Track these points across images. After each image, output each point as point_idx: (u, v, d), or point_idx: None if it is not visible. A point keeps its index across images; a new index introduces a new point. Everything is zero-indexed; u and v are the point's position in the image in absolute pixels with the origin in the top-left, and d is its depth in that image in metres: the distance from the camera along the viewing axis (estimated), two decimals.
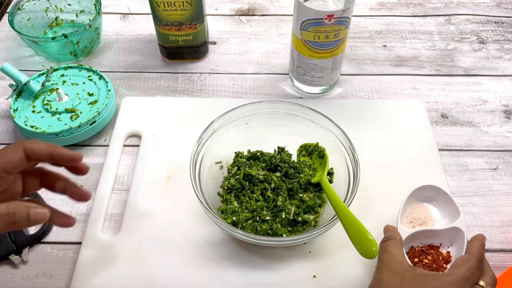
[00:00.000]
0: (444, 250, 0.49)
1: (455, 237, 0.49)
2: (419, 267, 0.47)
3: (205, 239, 0.53)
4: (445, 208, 0.52)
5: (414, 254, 0.49)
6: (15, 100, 0.63)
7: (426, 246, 0.50)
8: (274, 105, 0.58)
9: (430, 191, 0.53)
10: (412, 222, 0.51)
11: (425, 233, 0.50)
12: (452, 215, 0.51)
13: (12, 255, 0.52)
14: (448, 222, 0.51)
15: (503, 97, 0.70)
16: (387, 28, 0.80)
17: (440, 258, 0.48)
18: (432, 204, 0.53)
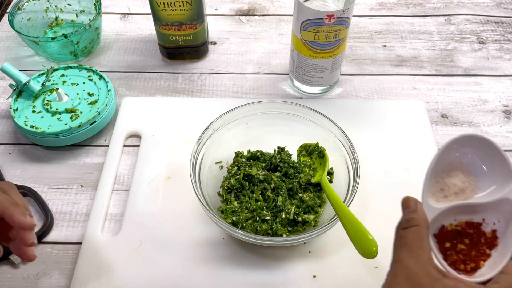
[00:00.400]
0: (488, 228, 0.37)
1: (505, 210, 0.36)
2: (452, 255, 0.36)
3: (205, 239, 0.53)
4: (493, 169, 0.38)
5: (445, 236, 0.37)
6: (15, 100, 0.63)
7: (462, 224, 0.37)
8: (274, 105, 0.58)
9: (471, 145, 0.38)
10: (444, 190, 0.38)
11: (462, 208, 0.37)
12: (502, 179, 0.37)
13: (12, 255, 0.52)
14: (496, 189, 0.37)
15: (503, 97, 0.70)
16: (387, 28, 0.81)
17: (482, 241, 0.36)
18: (473, 165, 0.39)
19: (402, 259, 0.33)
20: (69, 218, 0.56)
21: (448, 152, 0.38)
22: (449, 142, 0.38)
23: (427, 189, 0.37)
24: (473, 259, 0.35)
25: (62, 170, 0.61)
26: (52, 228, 0.55)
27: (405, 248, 0.33)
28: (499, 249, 0.35)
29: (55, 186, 0.59)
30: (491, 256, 0.35)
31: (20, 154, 0.62)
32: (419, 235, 0.34)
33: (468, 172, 0.38)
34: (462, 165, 0.39)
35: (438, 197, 0.38)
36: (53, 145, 0.62)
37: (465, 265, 0.35)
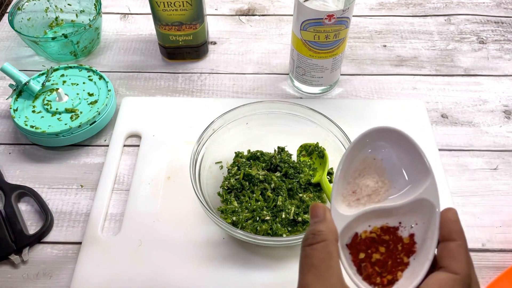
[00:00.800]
0: (405, 233, 0.33)
1: (422, 211, 0.33)
2: (367, 268, 0.32)
3: (205, 239, 0.53)
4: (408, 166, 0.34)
5: (359, 247, 0.33)
6: (15, 100, 0.63)
7: (377, 230, 0.33)
8: (274, 105, 0.58)
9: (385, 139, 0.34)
10: (356, 192, 0.34)
11: (375, 212, 0.33)
12: (418, 177, 0.33)
13: (12, 255, 0.52)
14: (412, 188, 0.34)
15: (503, 97, 0.70)
16: (387, 28, 0.80)
17: (399, 248, 0.32)
18: (388, 161, 0.35)
19: (309, 285, 0.29)
20: (69, 218, 0.56)
21: (360, 148, 0.34)
22: (360, 136, 0.34)
23: (337, 193, 0.34)
24: (389, 270, 0.31)
25: (62, 170, 0.61)
26: (52, 228, 0.55)
27: (312, 271, 0.29)
28: (418, 256, 0.32)
29: (55, 186, 0.59)
30: (410, 264, 0.31)
31: (20, 154, 0.62)
32: (327, 252, 0.30)
33: (382, 169, 0.34)
34: (375, 161, 0.35)
35: (350, 200, 0.34)
36: (53, 145, 0.62)
37: (381, 278, 0.31)
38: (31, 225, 0.56)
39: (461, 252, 0.30)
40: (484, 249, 0.53)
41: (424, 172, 0.33)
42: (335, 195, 0.34)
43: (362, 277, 0.31)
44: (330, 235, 0.31)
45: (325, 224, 0.31)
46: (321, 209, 0.32)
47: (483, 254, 0.53)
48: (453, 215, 0.31)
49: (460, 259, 0.29)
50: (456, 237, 0.30)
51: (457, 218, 0.31)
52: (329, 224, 0.31)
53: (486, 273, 0.52)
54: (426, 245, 0.31)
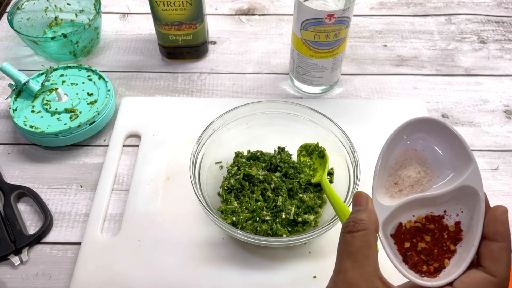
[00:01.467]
0: (450, 221, 0.33)
1: (466, 198, 0.32)
2: (412, 257, 0.32)
3: (205, 239, 0.53)
4: (449, 154, 0.34)
5: (404, 236, 0.33)
6: (15, 100, 0.63)
7: (422, 219, 0.33)
8: (274, 105, 0.58)
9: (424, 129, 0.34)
10: (399, 183, 0.34)
11: (419, 201, 0.33)
12: (460, 164, 0.33)
13: (12, 256, 0.52)
14: (455, 176, 0.33)
15: (504, 97, 0.69)
16: (387, 28, 0.80)
17: (445, 236, 0.32)
18: (428, 151, 0.35)
19: (346, 270, 0.30)
20: (68, 219, 0.56)
21: (398, 140, 0.34)
22: (397, 129, 0.34)
23: (378, 185, 0.34)
24: (436, 258, 0.32)
25: (61, 170, 0.61)
26: (51, 228, 0.55)
27: (350, 257, 0.30)
28: (464, 243, 0.32)
29: (54, 186, 0.59)
30: (456, 252, 0.32)
31: (19, 154, 0.62)
32: (367, 242, 0.30)
33: (424, 160, 0.34)
34: (416, 152, 0.35)
35: (393, 192, 0.34)
36: (52, 145, 0.62)
37: (427, 265, 0.31)
38: (31, 225, 0.55)
39: (503, 255, 0.29)
40: None
41: (465, 159, 0.33)
42: (377, 187, 0.34)
43: (408, 266, 0.32)
44: (370, 225, 0.31)
45: (366, 213, 0.32)
46: (364, 198, 0.33)
47: None
48: (502, 214, 0.31)
49: (500, 262, 0.29)
50: (500, 239, 0.30)
51: (505, 218, 0.30)
52: (371, 214, 0.32)
53: None
54: (472, 232, 0.31)
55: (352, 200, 0.33)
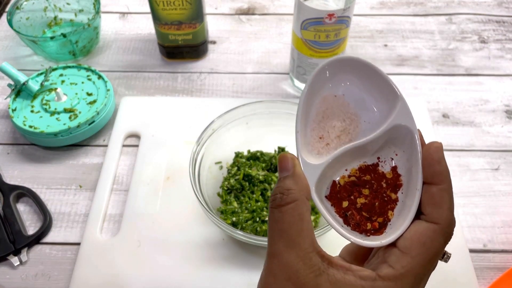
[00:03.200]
0: (386, 167, 0.30)
1: (399, 139, 0.29)
2: (353, 216, 0.29)
3: (204, 240, 0.53)
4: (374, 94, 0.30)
5: (340, 195, 0.29)
6: (14, 99, 0.63)
7: (356, 172, 0.30)
8: (274, 105, 0.58)
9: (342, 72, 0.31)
10: (324, 137, 0.30)
11: (349, 152, 0.30)
12: (387, 104, 0.30)
13: (11, 256, 0.52)
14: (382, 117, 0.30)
15: (505, 97, 0.69)
16: (388, 28, 0.80)
17: (384, 186, 0.29)
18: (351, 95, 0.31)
19: (280, 253, 0.26)
20: (67, 219, 0.56)
21: (318, 89, 0.30)
22: (312, 76, 0.30)
23: (302, 143, 0.29)
24: (378, 211, 0.28)
25: (60, 171, 0.60)
26: (50, 228, 0.55)
27: (283, 236, 0.26)
28: (405, 189, 0.29)
29: (53, 187, 0.59)
30: (399, 200, 0.28)
31: (19, 154, 0.62)
32: (298, 214, 0.26)
33: (346, 105, 0.31)
34: (337, 98, 0.31)
35: (319, 148, 0.30)
36: (51, 145, 0.61)
37: (371, 222, 0.28)
38: (30, 225, 0.55)
39: (444, 198, 0.27)
40: (485, 249, 0.53)
41: (392, 97, 0.29)
42: (301, 147, 0.29)
43: (351, 227, 0.29)
44: (300, 193, 0.27)
45: (294, 179, 0.27)
46: (289, 160, 0.28)
47: (485, 254, 0.53)
48: (437, 152, 0.27)
49: (442, 206, 0.26)
50: (439, 180, 0.27)
51: (441, 155, 0.27)
52: (299, 180, 0.27)
53: (487, 274, 0.51)
54: (412, 175, 0.28)
55: (278, 165, 0.28)
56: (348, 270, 0.26)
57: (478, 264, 0.52)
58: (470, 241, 0.54)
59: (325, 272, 0.26)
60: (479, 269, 0.52)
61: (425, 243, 0.26)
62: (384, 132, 0.29)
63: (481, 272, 0.51)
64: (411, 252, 0.26)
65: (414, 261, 0.25)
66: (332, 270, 0.26)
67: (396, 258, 0.26)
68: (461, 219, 0.55)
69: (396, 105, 0.29)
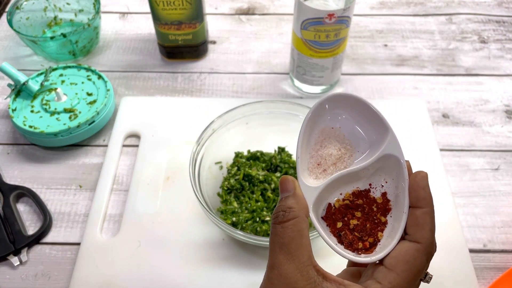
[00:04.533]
0: (377, 193, 0.33)
1: (389, 168, 0.33)
2: (346, 235, 0.32)
3: (204, 240, 0.53)
4: (367, 127, 0.35)
5: (335, 216, 0.32)
6: (14, 99, 0.63)
7: (349, 196, 0.33)
8: (274, 105, 0.58)
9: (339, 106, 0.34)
10: (321, 164, 0.34)
11: (344, 178, 0.33)
12: (378, 136, 0.34)
13: (11, 256, 0.52)
14: (374, 148, 0.34)
15: (505, 97, 0.69)
16: (388, 28, 0.80)
17: (375, 209, 0.32)
18: (346, 127, 0.35)
19: (280, 264, 0.28)
20: (67, 219, 0.56)
21: (315, 120, 0.34)
22: (312, 110, 0.33)
23: (302, 169, 0.33)
24: (369, 232, 0.31)
25: (60, 171, 0.60)
26: (50, 228, 0.55)
27: (283, 249, 0.29)
28: (394, 213, 0.32)
29: (53, 187, 0.59)
30: (388, 223, 0.32)
31: (19, 154, 0.62)
32: (298, 230, 0.29)
33: (342, 136, 0.34)
34: (334, 130, 0.34)
35: (317, 173, 0.33)
36: (51, 145, 0.61)
37: (363, 242, 0.31)
38: (30, 225, 0.55)
39: (426, 220, 0.30)
40: (485, 249, 0.53)
41: (383, 130, 0.33)
42: (301, 171, 0.33)
43: (344, 245, 0.31)
44: (300, 212, 0.30)
45: (295, 199, 0.30)
46: (291, 183, 0.31)
47: (485, 254, 0.53)
48: (422, 180, 0.30)
49: (424, 228, 0.29)
50: (422, 204, 0.30)
51: (426, 183, 0.30)
52: (299, 199, 0.30)
53: (487, 274, 0.51)
54: (400, 200, 0.31)
55: (279, 186, 0.32)
56: (340, 284, 0.28)
57: (478, 264, 0.52)
58: (470, 241, 0.54)
59: (319, 285, 0.28)
60: (479, 269, 0.52)
61: (408, 261, 0.29)
62: (375, 161, 0.32)
63: (481, 272, 0.51)
64: (396, 269, 0.28)
65: (399, 278, 0.28)
66: (326, 284, 0.28)
67: (383, 275, 0.28)
68: (461, 219, 0.55)
69: (386, 137, 0.33)
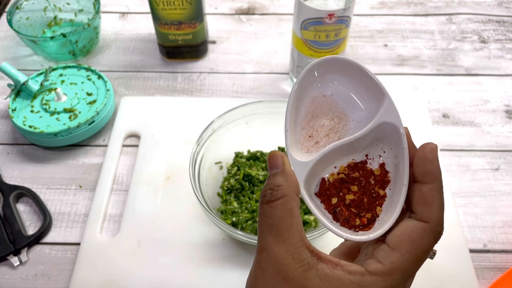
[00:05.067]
0: (374, 164, 0.30)
1: (386, 136, 0.30)
2: (342, 212, 0.29)
3: (204, 240, 0.53)
4: (361, 93, 0.32)
5: (329, 192, 0.30)
6: (14, 99, 0.63)
7: (345, 169, 0.30)
8: (274, 105, 0.58)
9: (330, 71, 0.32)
10: (313, 135, 0.32)
11: (338, 150, 0.30)
12: (373, 102, 0.31)
13: (11, 256, 0.52)
14: (370, 115, 0.31)
15: (505, 97, 0.69)
16: (388, 28, 0.80)
17: (372, 182, 0.30)
18: (339, 94, 0.32)
19: (270, 247, 0.26)
20: (67, 219, 0.56)
21: (306, 88, 0.31)
22: (300, 77, 0.30)
23: (292, 142, 0.31)
24: (367, 207, 0.29)
25: (60, 171, 0.60)
26: (50, 228, 0.55)
27: (272, 231, 0.26)
28: (393, 185, 0.29)
29: (53, 187, 0.59)
30: (387, 196, 0.29)
31: (19, 154, 0.62)
32: (288, 210, 0.27)
33: (335, 104, 0.32)
34: (326, 98, 0.32)
35: (308, 146, 0.31)
36: (51, 145, 0.61)
37: (360, 218, 0.29)
38: (30, 225, 0.55)
39: (434, 197, 0.27)
40: (485, 249, 0.53)
41: (379, 95, 0.30)
42: (291, 145, 0.30)
43: (340, 223, 0.29)
44: (289, 189, 0.28)
45: (283, 176, 0.28)
46: (279, 158, 0.29)
47: (485, 254, 0.53)
48: (431, 152, 0.27)
49: (432, 205, 0.27)
50: (430, 179, 0.27)
51: (435, 155, 0.27)
52: (288, 176, 0.28)
53: (487, 274, 0.51)
54: (399, 171, 0.29)
55: (267, 162, 0.29)
56: (337, 265, 0.26)
57: (478, 264, 0.52)
58: (470, 241, 0.54)
59: (314, 266, 0.26)
60: (479, 269, 0.52)
61: (414, 241, 0.26)
62: (371, 129, 0.30)
63: (481, 272, 0.51)
64: (400, 249, 0.26)
65: (403, 258, 0.26)
66: (321, 265, 0.26)
67: (385, 254, 0.26)
68: (461, 219, 0.55)
69: (382, 103, 0.30)
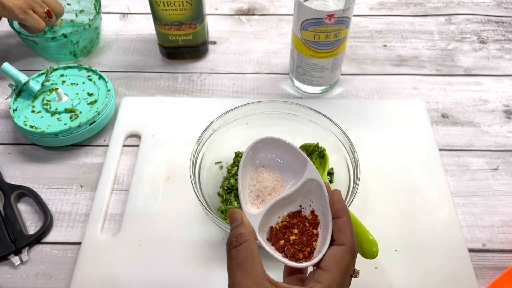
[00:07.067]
0: (307, 212, 0.40)
1: (312, 190, 0.40)
2: (289, 249, 0.38)
3: (204, 239, 0.53)
4: (289, 160, 0.43)
5: (277, 236, 0.39)
6: (15, 100, 0.63)
7: (286, 218, 0.40)
8: (274, 105, 0.58)
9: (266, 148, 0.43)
10: (259, 196, 0.42)
11: (279, 204, 0.40)
12: (300, 166, 0.42)
13: (12, 256, 0.52)
14: (298, 176, 0.41)
15: (504, 97, 0.69)
16: (387, 28, 0.80)
17: (307, 225, 0.39)
18: (274, 163, 0.43)
19: (239, 281, 0.34)
20: (68, 219, 0.56)
21: (249, 163, 0.42)
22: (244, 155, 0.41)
23: (245, 202, 0.40)
24: (306, 244, 0.38)
25: (61, 170, 0.61)
26: (51, 228, 0.55)
27: (240, 269, 0.34)
28: (322, 225, 0.39)
29: (54, 186, 0.59)
30: (319, 234, 0.39)
31: (20, 154, 0.62)
32: (250, 251, 0.35)
33: (273, 172, 0.43)
34: (265, 168, 0.43)
35: (257, 204, 0.41)
36: (52, 145, 0.62)
37: (302, 252, 0.38)
38: (31, 225, 0.56)
39: (346, 226, 0.37)
40: (484, 249, 0.53)
41: (302, 160, 0.41)
42: (244, 204, 0.40)
43: (288, 258, 0.38)
44: (249, 235, 0.36)
45: (244, 226, 0.36)
46: (238, 214, 0.37)
47: (484, 254, 0.53)
48: (338, 196, 0.38)
49: (345, 232, 0.36)
50: (341, 214, 0.37)
51: (340, 197, 0.38)
52: (247, 226, 0.37)
53: (486, 274, 0.51)
54: (325, 214, 0.39)
55: (229, 217, 0.38)
56: None
57: (478, 263, 0.52)
58: (469, 240, 0.54)
59: None
60: (478, 269, 0.52)
61: (339, 261, 0.35)
62: (301, 186, 0.40)
63: (480, 272, 0.52)
64: (330, 268, 0.35)
65: (334, 275, 0.34)
66: None
67: (322, 276, 0.35)
68: (460, 219, 0.56)
69: (306, 165, 0.40)
